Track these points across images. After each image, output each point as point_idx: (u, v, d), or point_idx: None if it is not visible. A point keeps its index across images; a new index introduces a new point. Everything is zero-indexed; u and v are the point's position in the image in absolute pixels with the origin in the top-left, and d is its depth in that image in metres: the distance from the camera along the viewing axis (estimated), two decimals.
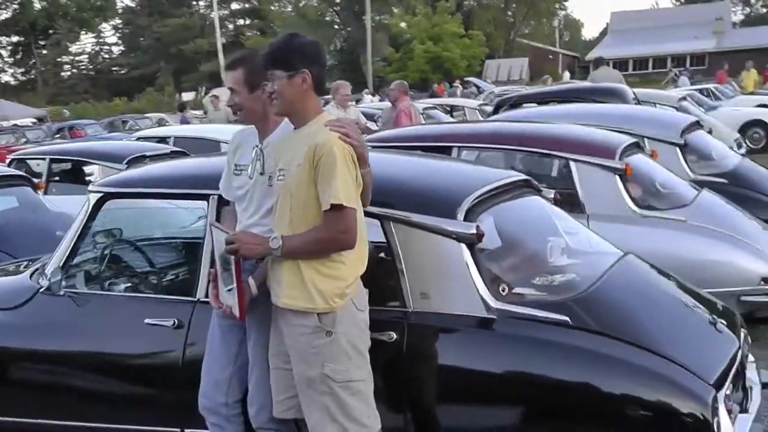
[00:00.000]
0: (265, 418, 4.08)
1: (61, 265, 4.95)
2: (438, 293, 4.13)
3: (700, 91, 21.46)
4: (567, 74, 64.71)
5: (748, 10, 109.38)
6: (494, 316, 4.04)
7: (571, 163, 7.01)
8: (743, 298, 6.53)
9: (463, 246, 4.13)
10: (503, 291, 4.27)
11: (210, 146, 11.81)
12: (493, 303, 4.08)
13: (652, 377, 3.82)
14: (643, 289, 4.78)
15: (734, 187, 8.57)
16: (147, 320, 4.65)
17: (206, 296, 4.40)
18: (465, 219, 4.22)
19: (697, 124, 9.79)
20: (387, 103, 14.63)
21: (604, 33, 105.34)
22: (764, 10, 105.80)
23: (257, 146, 4.15)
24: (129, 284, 5.52)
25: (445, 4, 65.75)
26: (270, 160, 4.03)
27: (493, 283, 4.21)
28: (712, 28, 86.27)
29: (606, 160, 6.95)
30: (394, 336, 4.07)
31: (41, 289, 5.04)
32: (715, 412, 3.73)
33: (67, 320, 4.99)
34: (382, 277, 4.24)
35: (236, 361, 4.19)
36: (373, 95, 41.33)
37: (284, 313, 3.81)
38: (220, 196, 4.50)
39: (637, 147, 7.59)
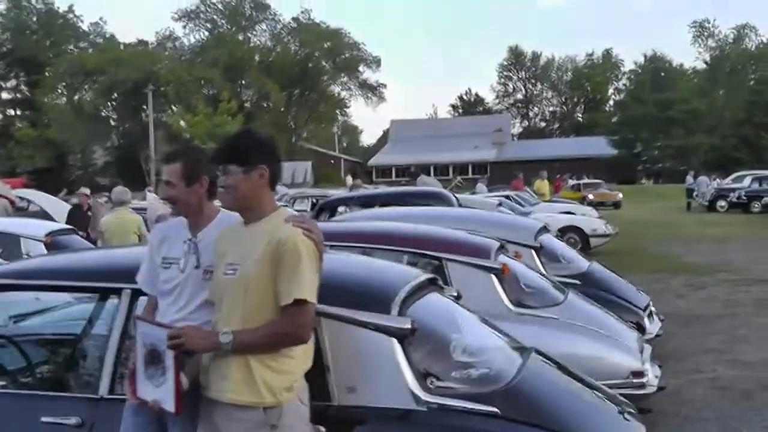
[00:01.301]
0: None
1: None
2: (366, 387, 4.12)
3: (506, 197, 22.41)
4: (349, 178, 66.19)
5: (526, 123, 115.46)
6: (424, 408, 4.07)
7: (447, 263, 7.13)
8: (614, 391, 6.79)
9: (394, 340, 4.16)
10: (431, 384, 4.29)
11: None
12: (422, 395, 4.11)
13: None
14: (556, 380, 4.99)
15: (587, 288, 9.00)
16: (44, 419, 4.36)
17: (110, 393, 4.31)
18: (398, 314, 4.27)
19: (545, 229, 10.19)
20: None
21: (382, 139, 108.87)
22: (543, 124, 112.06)
23: (190, 239, 4.08)
24: (21, 380, 5.27)
25: (227, 105, 65.93)
26: (207, 253, 3.98)
27: (420, 377, 4.24)
28: (492, 139, 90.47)
29: (483, 260, 7.15)
30: (322, 430, 4.01)
31: None
32: None
33: None
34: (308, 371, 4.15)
35: None
36: (151, 192, 40.95)
37: (225, 408, 3.73)
38: (133, 290, 4.40)
39: (503, 249, 7.81)
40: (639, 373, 7.01)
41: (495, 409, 4.10)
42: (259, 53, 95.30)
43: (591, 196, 44.03)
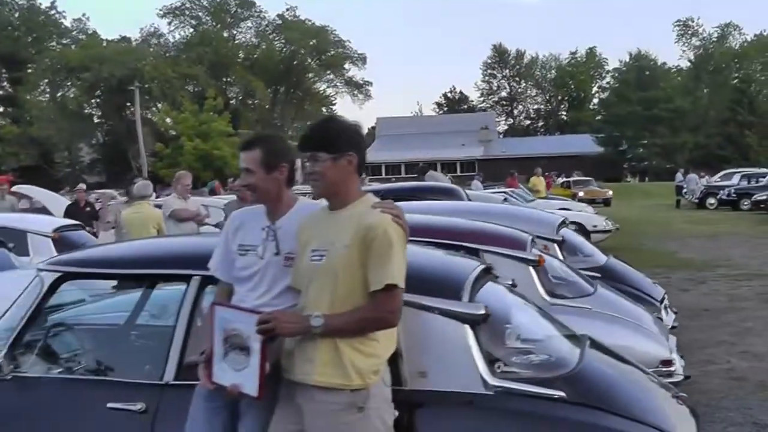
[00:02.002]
0: None
1: (8, 346, 4.69)
2: (437, 372, 4.19)
3: (503, 194, 22.60)
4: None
5: (511, 120, 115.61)
6: (492, 393, 4.16)
7: (484, 254, 7.17)
8: None
9: (467, 326, 4.27)
10: (498, 368, 4.41)
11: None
12: (490, 380, 4.20)
13: None
14: (615, 366, 5.10)
15: (606, 280, 9.19)
16: (110, 404, 4.41)
17: (175, 379, 4.36)
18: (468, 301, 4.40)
19: (564, 223, 10.41)
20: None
21: (369, 137, 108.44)
22: (527, 122, 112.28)
23: (269, 226, 4.10)
24: (86, 367, 5.23)
25: (212, 102, 65.69)
26: (287, 240, 4.04)
27: (488, 361, 4.34)
28: (479, 137, 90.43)
29: (520, 252, 7.32)
30: (395, 414, 4.04)
31: None
32: None
33: (13, 407, 4.65)
34: None
35: None
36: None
37: (309, 391, 3.77)
38: (202, 277, 4.47)
39: (534, 242, 8.03)
40: (668, 362, 7.15)
41: (562, 393, 4.18)
42: (244, 50, 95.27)
43: (581, 194, 44.21)
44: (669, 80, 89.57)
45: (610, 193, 48.84)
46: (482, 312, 4.34)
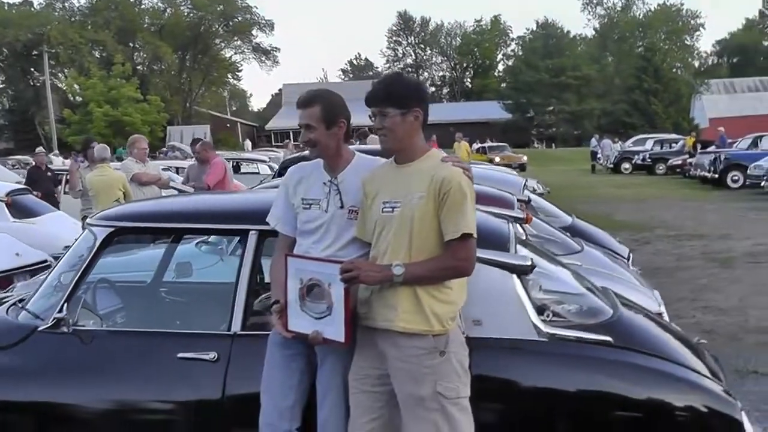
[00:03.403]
0: None
1: (63, 300, 4.61)
2: (491, 320, 4.33)
3: None
4: (248, 143, 65.83)
5: None
6: (545, 339, 4.35)
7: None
8: None
9: (515, 276, 4.42)
10: (548, 317, 4.59)
11: None
12: (543, 327, 4.38)
13: (689, 386, 4.38)
14: (644, 314, 5.40)
15: (576, 239, 9.20)
16: (180, 354, 4.47)
17: (242, 329, 4.50)
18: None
19: (525, 185, 10.42)
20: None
21: (273, 103, 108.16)
22: (432, 89, 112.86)
23: (330, 181, 4.21)
24: (155, 320, 5.40)
25: (120, 68, 64.73)
26: (349, 194, 4.15)
27: (538, 310, 4.51)
28: None
29: (509, 210, 7.26)
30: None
31: (40, 327, 4.62)
32: (738, 412, 4.35)
33: (80, 361, 4.61)
34: None
35: (298, 388, 4.21)
36: (57, 155, 40.95)
37: (392, 337, 3.89)
38: (260, 232, 4.57)
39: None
40: (659, 315, 7.20)
41: (609, 338, 4.40)
42: (151, 15, 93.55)
43: (497, 159, 44.54)
44: (575, 49, 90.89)
45: (525, 158, 49.29)
46: (529, 263, 4.47)
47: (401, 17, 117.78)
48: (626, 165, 44.07)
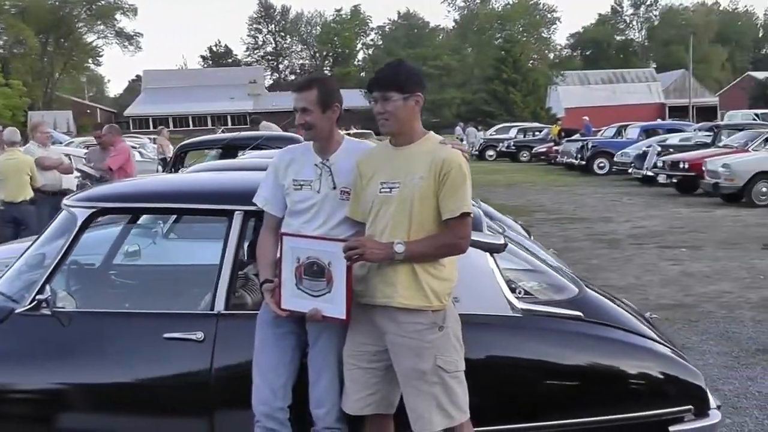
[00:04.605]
0: (334, 417, 4.21)
1: (43, 281, 4.50)
2: (469, 297, 4.45)
3: None
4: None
5: (276, 75, 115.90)
6: (519, 314, 4.55)
7: None
8: None
9: (488, 255, 4.62)
10: (519, 293, 4.78)
11: None
12: (517, 303, 4.58)
13: (658, 356, 4.73)
14: (600, 291, 5.57)
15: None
16: (166, 335, 4.44)
17: (226, 309, 4.49)
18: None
19: None
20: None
21: (130, 90, 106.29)
22: (292, 77, 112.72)
23: (322, 162, 4.30)
24: (141, 301, 5.42)
25: None
26: (340, 175, 4.25)
27: (510, 287, 4.71)
28: (248, 90, 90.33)
29: None
30: None
31: (17, 309, 4.50)
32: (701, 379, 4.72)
33: (62, 343, 4.51)
34: None
35: (290, 366, 4.27)
36: None
37: (391, 313, 4.01)
38: (245, 212, 4.60)
39: None
40: None
41: (579, 313, 4.66)
42: None
43: None
44: (435, 39, 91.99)
45: None
46: (502, 242, 4.73)
47: (261, 5, 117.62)
48: (491, 152, 45.28)
